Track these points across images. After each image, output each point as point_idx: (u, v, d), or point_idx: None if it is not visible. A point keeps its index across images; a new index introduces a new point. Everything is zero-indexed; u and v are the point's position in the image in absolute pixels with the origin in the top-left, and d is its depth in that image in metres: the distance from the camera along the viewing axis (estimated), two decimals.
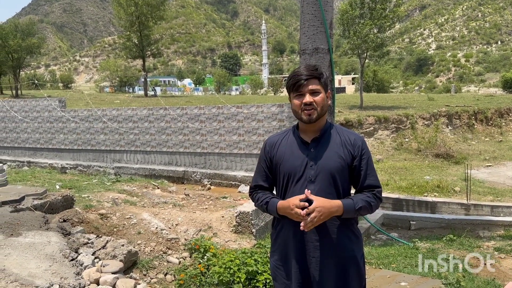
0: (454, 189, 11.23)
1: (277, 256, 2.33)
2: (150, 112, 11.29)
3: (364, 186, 2.22)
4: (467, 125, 19.66)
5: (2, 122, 14.07)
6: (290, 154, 2.22)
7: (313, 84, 2.14)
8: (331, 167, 2.14)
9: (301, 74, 2.14)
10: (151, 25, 34.03)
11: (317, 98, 2.13)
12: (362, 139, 2.25)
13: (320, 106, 2.14)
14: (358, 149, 2.20)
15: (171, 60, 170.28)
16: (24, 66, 39.48)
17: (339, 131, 2.26)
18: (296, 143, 2.24)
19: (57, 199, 5.76)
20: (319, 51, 6.66)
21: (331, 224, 2.13)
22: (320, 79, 2.16)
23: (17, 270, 3.81)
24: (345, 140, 2.21)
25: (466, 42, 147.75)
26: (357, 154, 2.20)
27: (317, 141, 2.20)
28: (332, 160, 2.15)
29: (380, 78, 42.22)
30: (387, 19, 21.74)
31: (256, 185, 2.39)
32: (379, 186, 2.25)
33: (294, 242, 2.20)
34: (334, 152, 2.17)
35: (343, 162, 2.17)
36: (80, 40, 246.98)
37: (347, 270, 2.18)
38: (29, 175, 10.50)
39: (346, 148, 2.19)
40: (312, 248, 2.16)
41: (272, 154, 2.30)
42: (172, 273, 4.84)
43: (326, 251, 2.15)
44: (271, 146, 2.32)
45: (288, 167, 2.20)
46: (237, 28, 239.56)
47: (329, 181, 2.14)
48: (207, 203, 8.07)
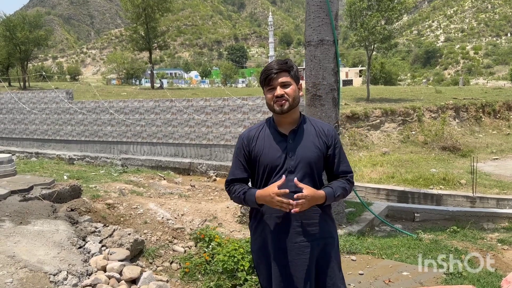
0: (460, 182, 11.21)
1: (258, 245, 2.40)
2: (156, 104, 11.37)
3: (338, 172, 2.37)
4: (474, 118, 19.54)
5: (10, 114, 14.23)
6: (269, 147, 2.31)
7: (283, 77, 2.25)
8: (309, 157, 2.27)
9: (272, 69, 2.26)
10: (157, 17, 34.03)
11: (288, 90, 2.24)
12: (333, 129, 2.41)
13: (292, 97, 2.24)
14: (332, 139, 2.35)
15: (178, 53, 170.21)
16: (32, 58, 39.69)
17: (313, 123, 2.39)
18: (275, 136, 2.33)
19: (65, 189, 5.87)
20: (325, 43, 6.66)
21: (310, 210, 2.23)
22: (289, 72, 2.27)
23: (26, 256, 3.91)
24: (320, 131, 2.35)
25: (475, 34, 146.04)
26: (331, 144, 2.34)
27: (295, 133, 2.31)
28: (310, 150, 2.28)
29: (388, 70, 41.96)
30: (395, 10, 21.57)
31: (232, 179, 2.42)
32: (351, 172, 2.41)
33: (275, 231, 2.28)
34: (310, 142, 2.30)
35: (319, 152, 2.30)
36: (87, 32, 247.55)
37: (328, 252, 2.32)
38: (38, 165, 10.65)
39: (321, 138, 2.32)
40: (294, 234, 2.25)
41: (251, 147, 2.37)
42: (178, 261, 4.93)
43: (308, 236, 2.26)
44: (249, 139, 2.39)
45: (269, 159, 2.29)
46: (244, 20, 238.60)
47: (307, 170, 2.26)
48: (212, 194, 8.15)
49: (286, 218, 2.24)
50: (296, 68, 2.32)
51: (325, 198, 2.21)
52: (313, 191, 2.15)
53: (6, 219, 4.67)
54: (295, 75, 2.28)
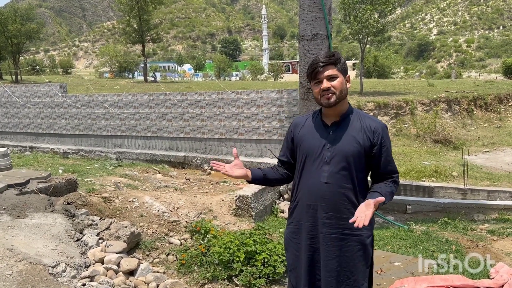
0: (451, 174, 11.34)
1: (291, 228, 2.47)
2: (150, 98, 11.37)
3: (383, 172, 2.31)
4: (466, 111, 19.71)
5: (4, 108, 14.15)
6: (310, 135, 2.35)
7: (329, 70, 2.23)
8: (347, 151, 2.24)
9: (318, 62, 2.25)
10: (150, 10, 33.80)
11: (335, 83, 2.23)
12: (383, 127, 2.31)
13: (339, 90, 2.23)
14: (378, 136, 2.27)
15: (171, 45, 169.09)
16: (24, 51, 39.29)
17: (361, 117, 2.33)
18: (317, 126, 2.36)
19: (61, 183, 5.91)
20: (318, 37, 6.72)
21: (341, 204, 2.24)
22: (336, 64, 2.25)
23: (25, 249, 3.96)
24: (365, 127, 2.28)
25: (468, 27, 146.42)
26: (377, 142, 2.27)
27: (337, 125, 2.30)
28: (348, 144, 2.24)
29: (381, 63, 42.09)
30: (388, 4, 21.58)
31: (278, 159, 2.59)
32: (397, 172, 2.35)
33: (307, 218, 2.33)
34: (351, 136, 2.26)
35: (359, 147, 2.24)
36: (79, 25, 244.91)
37: (352, 249, 2.27)
38: (32, 159, 10.65)
39: (365, 134, 2.26)
40: (321, 225, 2.28)
41: (295, 134, 2.44)
42: (174, 253, 5.00)
43: (336, 228, 2.25)
44: (295, 126, 2.47)
45: (307, 147, 2.33)
46: (237, 12, 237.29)
47: (343, 164, 2.23)
48: (207, 187, 8.21)
49: (315, 208, 2.28)
50: (344, 60, 2.30)
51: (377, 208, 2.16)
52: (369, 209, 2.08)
53: (4, 212, 4.71)
54: (342, 68, 2.27)
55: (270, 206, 7.26)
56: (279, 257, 4.33)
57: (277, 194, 7.61)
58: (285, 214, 7.10)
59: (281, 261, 4.29)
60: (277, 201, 7.54)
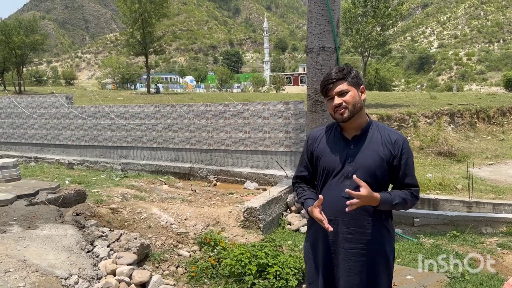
0: (456, 187, 11.31)
1: (309, 242, 2.47)
2: (157, 109, 11.41)
3: (402, 185, 2.29)
4: (469, 123, 19.73)
5: (9, 118, 14.20)
6: (330, 150, 2.32)
7: (339, 85, 2.23)
8: (369, 165, 2.22)
9: (328, 79, 2.25)
10: (153, 22, 34.08)
11: (346, 98, 2.21)
12: (403, 139, 2.29)
13: (351, 104, 2.21)
14: (399, 148, 2.25)
15: (173, 57, 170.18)
16: (27, 63, 39.54)
17: (381, 130, 2.32)
18: (337, 139, 2.33)
19: (70, 193, 5.90)
20: (326, 50, 6.78)
21: (363, 218, 2.24)
22: (346, 78, 2.23)
23: (37, 261, 3.94)
24: (386, 139, 2.26)
25: (468, 41, 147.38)
26: (397, 154, 2.25)
27: (358, 139, 2.28)
28: (370, 158, 2.23)
29: (382, 76, 42.33)
30: (390, 17, 21.81)
31: (297, 176, 2.56)
32: (417, 186, 2.32)
33: (325, 233, 2.31)
34: (373, 150, 2.24)
35: (381, 161, 2.23)
36: (82, 36, 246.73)
37: (375, 263, 2.27)
38: (38, 170, 10.65)
39: (386, 147, 2.24)
40: (342, 240, 2.26)
41: (314, 148, 2.42)
42: (184, 265, 4.97)
43: (357, 243, 2.24)
44: (313, 140, 2.44)
45: (328, 162, 2.31)
46: (239, 25, 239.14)
47: (365, 179, 2.19)
48: (214, 199, 8.19)
49: (336, 223, 2.25)
50: (355, 73, 2.28)
51: (379, 202, 2.17)
52: (369, 191, 2.11)
53: (14, 223, 4.71)
54: (353, 80, 2.25)
55: (278, 218, 7.23)
56: (291, 270, 4.30)
57: (284, 206, 7.59)
58: (292, 226, 7.07)
59: (293, 274, 4.27)
60: (284, 213, 7.51)
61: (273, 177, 9.44)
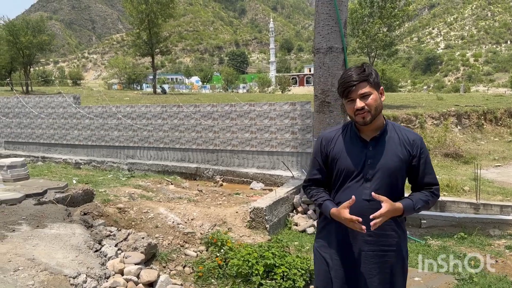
0: (463, 189, 11.23)
1: (320, 243, 2.43)
2: (164, 109, 11.44)
3: (422, 184, 2.27)
4: (476, 125, 19.59)
5: (17, 118, 14.30)
6: (348, 152, 2.26)
7: (362, 88, 2.14)
8: (390, 167, 2.18)
9: (350, 81, 2.15)
10: (160, 23, 34.17)
11: (369, 101, 2.15)
12: (421, 139, 2.27)
13: (373, 108, 2.16)
14: (417, 149, 2.22)
15: (179, 58, 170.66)
16: (34, 63, 39.78)
17: (397, 130, 2.28)
18: (355, 141, 2.27)
19: (78, 193, 5.93)
20: (333, 50, 6.76)
21: (384, 222, 2.15)
22: (368, 80, 2.16)
23: (46, 259, 3.97)
24: (404, 139, 2.23)
25: (475, 42, 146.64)
26: (416, 153, 2.22)
27: (376, 140, 2.23)
28: (391, 159, 2.19)
29: (389, 77, 42.15)
30: (397, 18, 21.70)
31: (310, 179, 2.46)
32: (437, 184, 2.30)
33: (344, 235, 2.28)
34: (392, 151, 2.20)
35: (401, 162, 2.20)
36: (88, 37, 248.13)
37: (393, 265, 2.24)
38: (45, 169, 10.72)
39: (404, 148, 2.21)
40: (362, 242, 2.23)
41: (329, 149, 2.33)
42: (190, 265, 4.98)
43: (376, 246, 2.22)
44: (328, 141, 2.35)
45: (346, 164, 2.24)
46: (245, 26, 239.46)
47: (386, 180, 2.18)
48: (220, 199, 8.20)
49: None
50: (375, 73, 2.20)
51: (403, 211, 2.14)
52: (391, 205, 2.08)
53: (23, 222, 4.74)
54: (374, 82, 2.18)
55: (284, 218, 7.23)
56: (298, 270, 4.30)
57: (290, 206, 7.59)
58: (299, 227, 7.06)
59: (300, 275, 4.26)
60: (290, 214, 7.50)
61: (279, 177, 9.43)
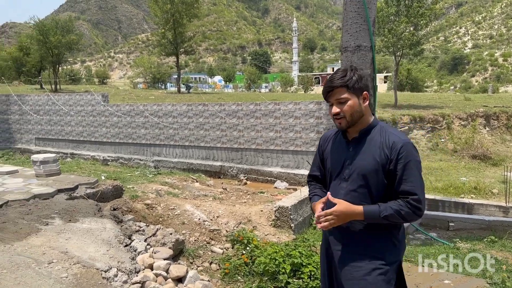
0: (492, 191, 10.98)
1: (322, 245, 2.50)
2: (189, 108, 11.57)
3: (397, 192, 2.09)
4: (505, 126, 19.09)
5: (47, 115, 14.70)
6: (334, 151, 2.32)
7: (339, 93, 2.14)
8: (364, 168, 2.13)
9: (329, 85, 2.17)
10: (185, 23, 34.45)
11: (345, 108, 2.13)
12: (404, 143, 2.10)
13: (349, 114, 2.13)
14: (395, 152, 2.08)
15: (202, 57, 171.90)
16: (63, 62, 40.72)
17: (383, 132, 2.18)
18: (340, 141, 2.31)
19: (108, 189, 6.06)
20: (362, 49, 6.68)
21: (356, 224, 2.14)
22: (348, 86, 2.12)
23: (78, 253, 4.07)
24: (385, 142, 2.13)
25: (505, 41, 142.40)
26: (394, 157, 2.08)
27: (357, 141, 2.21)
28: (365, 161, 2.13)
29: (414, 76, 41.41)
30: (424, 16, 21.31)
31: (310, 175, 2.56)
32: (415, 194, 2.05)
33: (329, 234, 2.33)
34: (370, 153, 2.14)
35: (376, 164, 2.10)
36: (114, 37, 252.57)
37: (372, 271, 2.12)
38: (75, 166, 10.98)
39: (383, 150, 2.11)
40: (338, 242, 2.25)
41: (323, 149, 2.43)
42: (217, 262, 5.03)
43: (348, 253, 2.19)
44: (324, 141, 2.45)
45: (331, 164, 2.32)
46: (268, 25, 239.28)
47: (360, 182, 2.13)
48: (245, 197, 8.24)
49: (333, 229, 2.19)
50: (357, 78, 2.14)
51: (363, 215, 2.07)
52: (346, 207, 2.06)
53: (56, 216, 4.88)
54: (355, 87, 2.12)
55: (309, 218, 7.21)
56: None
57: None
58: None
59: None
60: None
61: (303, 177, 9.42)
